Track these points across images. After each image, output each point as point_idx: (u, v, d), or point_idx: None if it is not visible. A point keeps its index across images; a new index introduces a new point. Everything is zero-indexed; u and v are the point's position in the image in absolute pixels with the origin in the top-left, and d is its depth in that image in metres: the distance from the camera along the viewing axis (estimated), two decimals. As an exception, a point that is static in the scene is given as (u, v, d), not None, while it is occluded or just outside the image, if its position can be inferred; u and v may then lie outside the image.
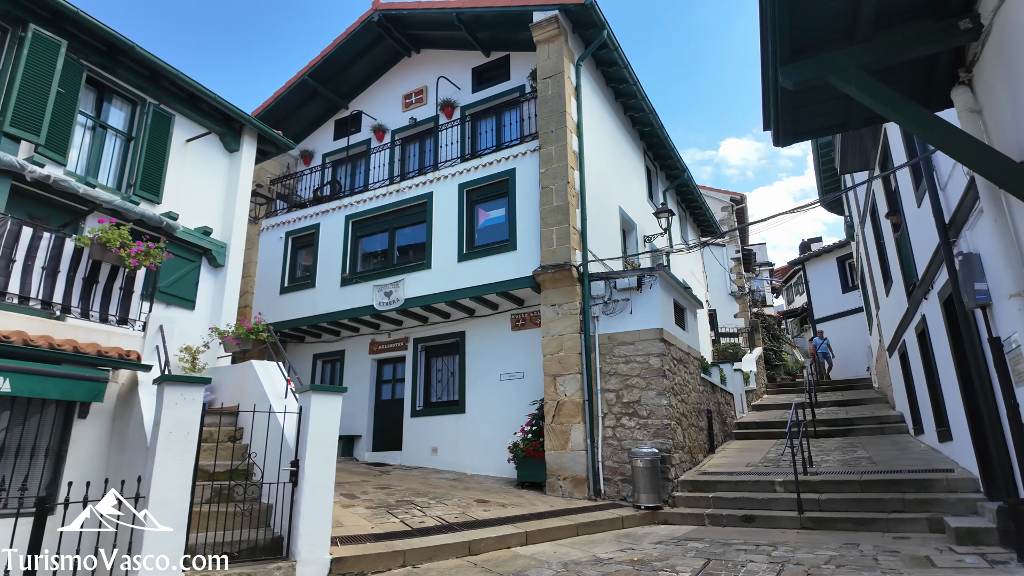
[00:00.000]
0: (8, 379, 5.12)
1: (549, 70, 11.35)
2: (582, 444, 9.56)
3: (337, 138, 16.06)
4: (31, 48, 7.38)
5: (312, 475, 5.88)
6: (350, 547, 6.02)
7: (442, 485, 9.85)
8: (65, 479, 5.87)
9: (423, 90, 14.71)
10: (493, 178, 11.85)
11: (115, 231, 6.66)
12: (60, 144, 7.70)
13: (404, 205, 12.95)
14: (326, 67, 14.99)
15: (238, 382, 7.87)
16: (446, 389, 12.63)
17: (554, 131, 10.98)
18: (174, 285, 8.79)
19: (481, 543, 6.67)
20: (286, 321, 13.45)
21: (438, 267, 11.99)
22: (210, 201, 9.78)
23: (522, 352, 11.46)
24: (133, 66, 8.69)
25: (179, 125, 9.39)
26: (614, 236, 12.65)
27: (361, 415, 13.15)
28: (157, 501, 4.98)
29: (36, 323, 6.02)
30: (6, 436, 5.77)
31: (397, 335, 13.33)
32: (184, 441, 5.27)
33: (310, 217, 14.29)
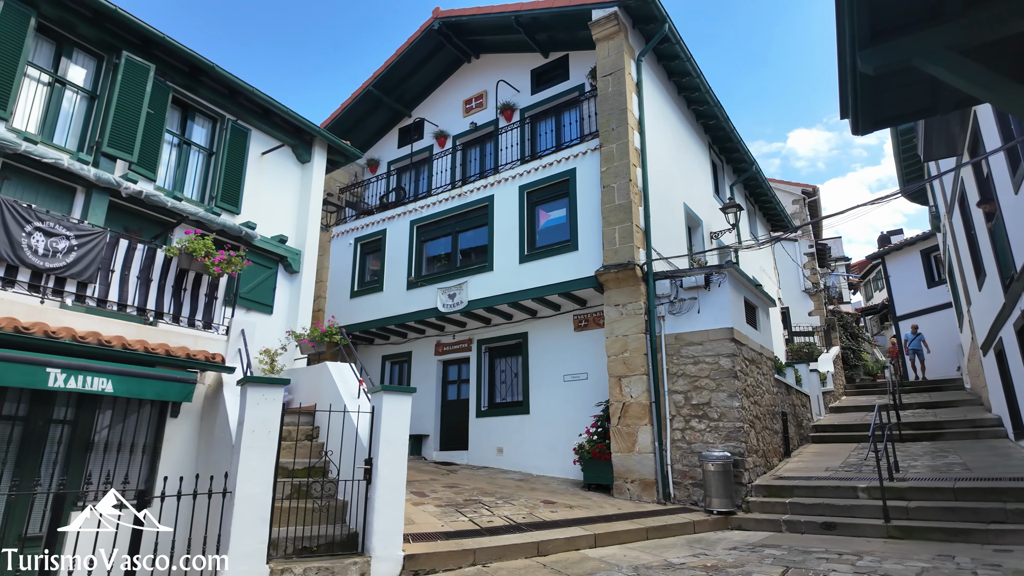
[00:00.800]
0: (110, 380, 5.55)
1: (609, 67, 11.22)
2: (650, 447, 9.39)
3: (401, 146, 16.48)
4: (124, 73, 7.97)
5: (385, 473, 6.05)
6: (422, 544, 6.16)
7: (508, 485, 9.91)
8: (160, 474, 6.30)
9: (483, 95, 14.88)
10: (553, 179, 11.84)
11: (200, 241, 7.08)
12: (150, 161, 8.27)
13: (466, 209, 13.13)
14: (389, 77, 15.41)
15: (314, 383, 8.20)
16: (510, 390, 12.71)
17: (615, 129, 10.85)
18: (253, 291, 9.27)
19: (549, 544, 6.67)
20: (356, 324, 13.91)
21: (500, 269, 12.08)
22: (285, 210, 10.25)
23: (585, 353, 11.39)
24: (213, 85, 9.23)
25: (255, 139, 9.90)
26: (679, 233, 12.37)
27: (428, 415, 13.43)
28: (242, 496, 5.26)
29: (132, 328, 6.49)
30: (109, 433, 6.25)
31: (461, 337, 13.52)
32: (266, 439, 5.54)
33: (377, 223, 14.73)
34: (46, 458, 5.75)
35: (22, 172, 7.04)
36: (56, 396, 5.82)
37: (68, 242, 6.14)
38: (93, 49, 8.02)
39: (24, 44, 7.13)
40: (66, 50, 7.84)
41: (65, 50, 7.83)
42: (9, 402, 5.59)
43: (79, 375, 5.31)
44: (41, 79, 7.54)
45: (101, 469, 5.98)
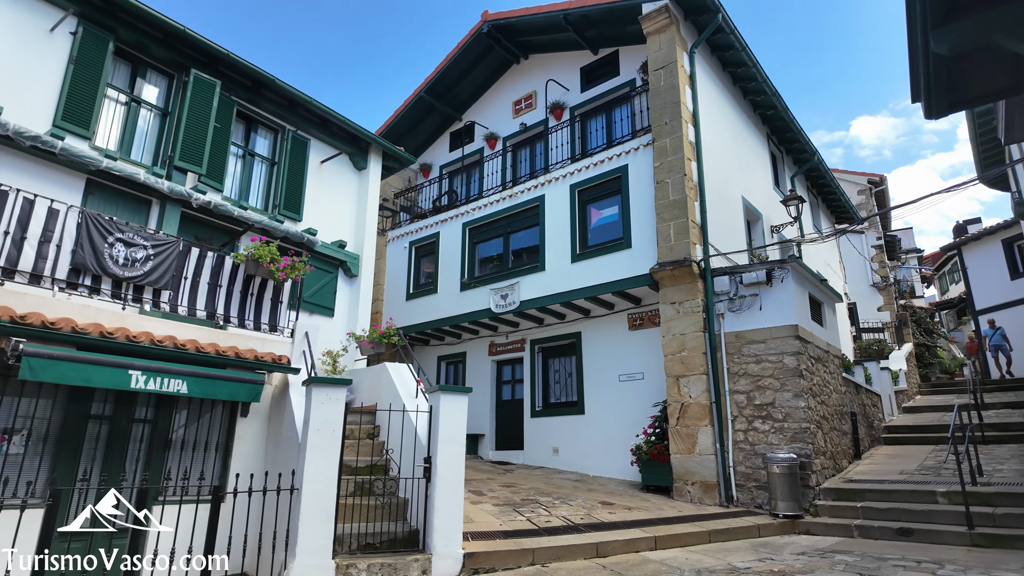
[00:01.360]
0: (186, 382, 5.86)
1: (661, 61, 11.02)
2: (710, 448, 9.15)
3: (452, 149, 16.70)
4: (193, 90, 8.41)
5: (443, 472, 6.14)
6: (481, 543, 6.22)
7: (565, 485, 9.88)
8: (232, 471, 6.60)
9: (532, 95, 14.90)
10: (604, 176, 11.72)
11: (265, 248, 7.39)
12: (218, 173, 8.69)
13: (517, 209, 13.17)
14: (440, 82, 15.64)
15: (374, 383, 8.41)
16: (564, 390, 12.66)
17: (668, 123, 10.64)
18: (316, 295, 9.59)
19: (609, 546, 6.61)
20: (412, 325, 14.19)
21: (552, 269, 12.06)
22: (343, 216, 10.56)
23: (641, 352, 11.22)
24: (274, 97, 9.61)
25: (314, 148, 10.25)
26: (738, 228, 12.02)
27: (483, 414, 13.54)
28: (309, 493, 5.45)
29: (204, 332, 6.83)
30: (185, 432, 6.60)
31: (514, 337, 13.57)
32: (330, 438, 5.72)
33: (430, 227, 14.97)
34: (130, 455, 6.12)
35: (104, 187, 7.53)
36: (138, 396, 6.19)
37: (146, 251, 6.52)
38: (164, 69, 8.50)
39: (104, 67, 7.63)
40: (141, 71, 8.34)
41: (140, 71, 8.33)
42: (97, 402, 5.98)
43: (158, 377, 5.64)
44: (119, 99, 8.04)
45: (178, 466, 6.33)
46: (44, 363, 4.94)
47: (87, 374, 5.21)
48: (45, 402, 5.63)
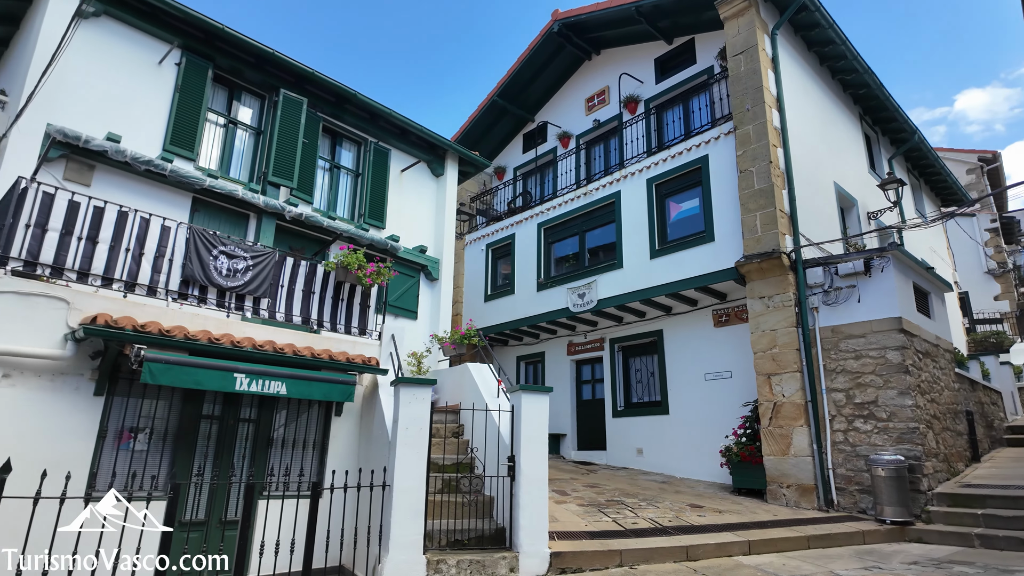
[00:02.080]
0: (285, 383, 6.22)
1: (740, 46, 10.58)
2: (807, 449, 8.68)
3: (526, 151, 16.79)
4: (283, 109, 8.94)
5: (527, 470, 6.18)
6: (567, 543, 6.21)
7: (651, 487, 9.67)
8: (328, 468, 6.95)
9: (605, 90, 14.72)
10: (683, 168, 11.39)
11: (353, 255, 7.73)
12: (307, 186, 9.19)
13: (592, 207, 13.06)
14: (512, 85, 15.77)
15: (456, 383, 8.60)
16: (647, 389, 12.40)
17: (750, 109, 10.19)
18: (400, 299, 9.94)
19: (699, 549, 6.41)
20: (491, 326, 14.38)
21: (630, 266, 11.85)
22: (423, 222, 10.88)
23: (728, 350, 10.80)
24: (356, 111, 10.05)
25: (394, 158, 10.62)
26: (830, 216, 11.33)
27: (564, 414, 13.51)
28: (400, 489, 5.64)
29: (300, 336, 7.23)
30: (284, 431, 7.02)
31: (593, 336, 13.45)
32: (418, 436, 5.90)
33: (506, 228, 15.12)
34: (237, 452, 6.58)
35: (208, 204, 8.15)
36: (242, 398, 6.65)
37: (246, 262, 6.99)
38: (257, 90, 9.08)
39: (205, 93, 8.26)
40: (236, 94, 8.96)
41: (235, 94, 8.95)
42: (207, 403, 6.48)
43: (259, 379, 6.02)
44: (218, 122, 8.68)
45: (280, 463, 6.73)
46: (162, 368, 5.40)
47: (198, 377, 5.65)
48: (163, 403, 6.16)
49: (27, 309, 5.38)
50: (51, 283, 5.64)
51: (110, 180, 7.25)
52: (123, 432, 5.87)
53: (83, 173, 7.07)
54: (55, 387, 5.48)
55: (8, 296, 5.32)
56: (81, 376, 5.64)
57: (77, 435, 5.52)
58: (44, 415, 5.37)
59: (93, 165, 7.15)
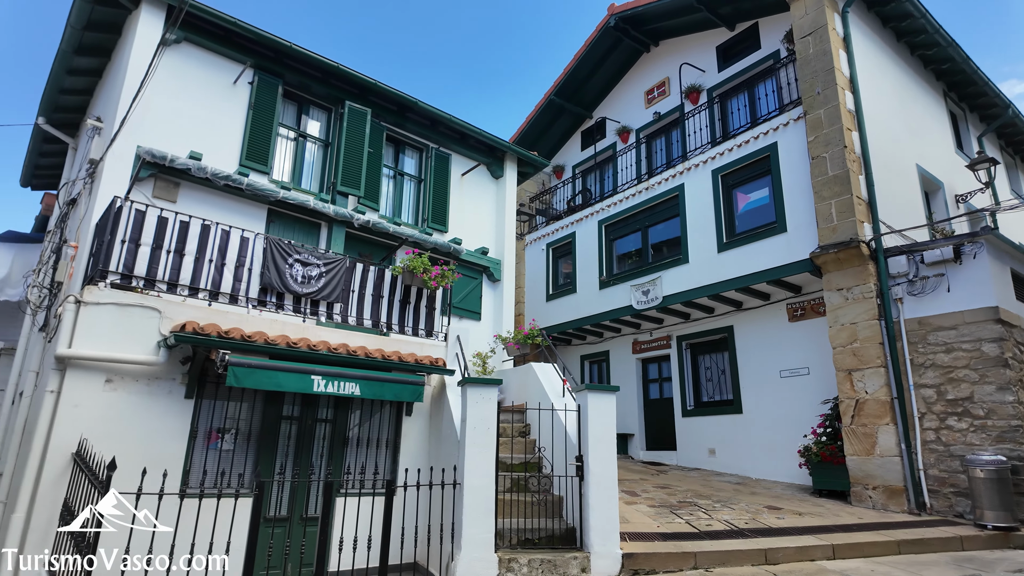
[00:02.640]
0: (358, 385, 6.45)
1: (808, 27, 10.11)
2: (894, 449, 8.18)
3: (584, 148, 16.67)
4: (348, 120, 9.26)
5: (596, 470, 6.13)
6: (638, 544, 6.12)
7: (724, 488, 9.39)
8: (401, 466, 7.14)
9: (664, 82, 14.41)
10: (750, 157, 10.99)
11: (418, 259, 7.92)
12: (374, 193, 9.48)
13: (654, 202, 12.81)
14: (569, 83, 15.69)
15: (521, 382, 8.64)
16: (717, 388, 12.03)
17: (821, 92, 9.72)
18: (463, 300, 10.08)
19: (779, 552, 6.17)
20: (553, 326, 14.35)
21: (696, 260, 11.54)
22: (484, 224, 10.99)
23: (804, 345, 10.33)
24: (417, 119, 10.28)
25: (455, 162, 10.79)
26: (913, 200, 10.64)
27: (631, 414, 13.30)
28: (470, 488, 5.72)
29: (370, 339, 7.47)
30: (359, 430, 7.27)
31: (659, 334, 13.18)
32: (485, 435, 5.97)
33: (566, 227, 15.06)
34: (315, 451, 6.87)
35: (281, 215, 8.55)
36: (319, 399, 6.93)
37: (319, 269, 7.29)
38: (323, 104, 9.45)
39: (276, 109, 8.67)
40: (304, 108, 9.35)
41: (304, 108, 9.35)
42: (287, 404, 6.80)
43: (335, 381, 6.26)
44: (289, 136, 9.09)
45: (355, 461, 6.97)
46: (245, 371, 5.71)
47: (278, 380, 5.94)
48: (247, 405, 6.51)
49: (125, 319, 5.82)
50: (145, 294, 6.07)
51: (193, 196, 7.73)
52: (211, 432, 6.25)
53: (169, 190, 7.57)
54: (151, 391, 5.90)
55: (109, 307, 5.77)
56: (173, 380, 6.05)
57: (171, 435, 5.92)
58: (142, 417, 5.79)
59: (178, 183, 7.65)
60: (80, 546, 4.46)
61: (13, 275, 10.69)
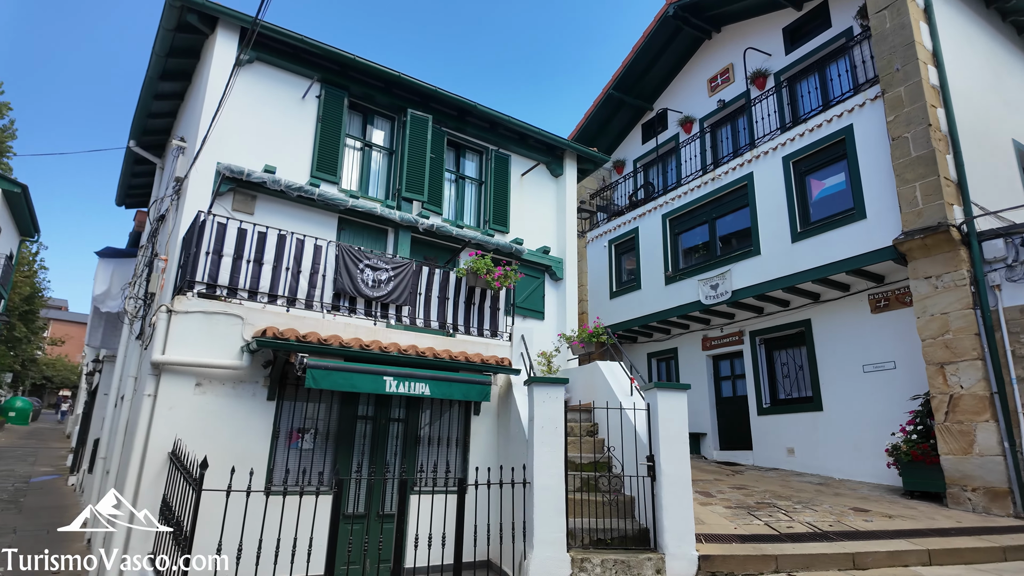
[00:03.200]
0: (428, 385, 6.59)
1: (883, 0, 9.51)
2: (995, 448, 7.58)
3: (645, 141, 16.35)
4: (411, 128, 9.48)
5: (668, 470, 6.01)
6: (715, 546, 5.94)
7: (805, 489, 8.97)
8: (471, 464, 7.24)
9: (728, 68, 13.94)
10: (824, 142, 10.46)
11: (481, 261, 8.01)
12: (436, 198, 9.66)
13: (721, 193, 12.41)
14: (627, 76, 15.44)
15: (587, 381, 8.57)
16: (795, 384, 11.52)
17: (900, 69, 9.13)
18: (526, 300, 10.12)
19: (867, 557, 5.84)
20: (618, 324, 14.16)
21: (768, 252, 11.09)
22: (544, 223, 10.98)
23: (889, 338, 9.74)
24: (477, 122, 10.40)
25: (514, 163, 10.84)
26: (1011, 179, 9.83)
27: (703, 412, 12.94)
28: (540, 487, 5.73)
29: (438, 340, 7.62)
30: (429, 429, 7.43)
31: (730, 329, 12.76)
32: (553, 434, 5.97)
33: (628, 223, 14.82)
34: (389, 450, 7.07)
35: (351, 222, 8.86)
36: (391, 399, 7.13)
37: (387, 273, 7.51)
38: (386, 113, 9.71)
39: (343, 121, 8.99)
40: (369, 118, 9.65)
41: (368, 118, 9.64)
42: (361, 405, 7.04)
43: (406, 381, 6.43)
44: (355, 146, 9.40)
45: (427, 460, 7.13)
46: (323, 373, 5.95)
47: (353, 381, 6.16)
48: (324, 406, 6.78)
49: (211, 326, 6.20)
50: (228, 302, 6.44)
51: (269, 207, 8.13)
52: (292, 432, 6.55)
53: (247, 203, 7.99)
54: (236, 393, 6.25)
55: (197, 315, 6.15)
56: (256, 383, 6.38)
57: (255, 435, 6.24)
58: (229, 418, 6.14)
59: (255, 195, 8.06)
60: (178, 540, 4.78)
61: (112, 288, 11.60)
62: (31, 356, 37.74)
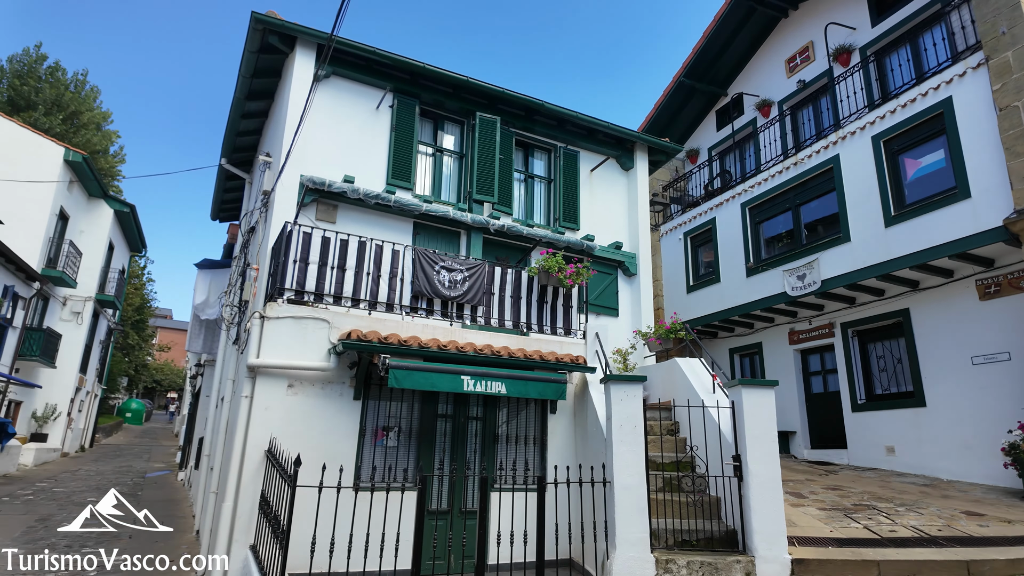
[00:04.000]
0: (504, 384, 6.66)
1: (984, -42, 8.71)
2: None
3: (720, 128, 15.78)
4: (480, 130, 9.61)
5: (756, 470, 5.78)
6: (809, 549, 5.66)
7: (908, 490, 8.37)
8: (549, 463, 7.26)
9: (808, 47, 13.21)
10: (918, 117, 9.71)
11: (552, 259, 8.00)
12: (506, 198, 9.74)
13: (805, 178, 11.78)
14: (698, 63, 14.96)
15: (666, 379, 8.37)
16: (893, 378, 10.76)
17: (1007, 32, 8.33)
18: (599, 297, 10.01)
19: (983, 564, 5.38)
20: (696, 319, 13.75)
21: (859, 238, 10.42)
22: (616, 218, 10.82)
23: (1000, 327, 8.92)
24: (544, 120, 10.39)
25: (583, 159, 10.75)
26: None
27: (791, 410, 12.34)
28: (620, 486, 5.66)
29: (512, 339, 7.68)
30: (507, 428, 7.50)
31: (819, 321, 12.09)
32: (632, 433, 5.87)
33: (704, 214, 14.35)
34: (468, 447, 7.20)
35: (425, 226, 9.09)
36: (469, 398, 7.27)
37: (462, 274, 7.65)
38: (456, 118, 9.89)
39: (415, 128, 9.24)
40: (439, 123, 9.86)
41: (439, 124, 9.85)
42: (441, 403, 7.21)
43: (483, 380, 6.53)
44: (427, 152, 9.64)
45: (506, 457, 7.21)
46: (404, 373, 6.15)
47: (432, 380, 6.32)
48: (406, 405, 7.00)
49: (300, 330, 6.54)
50: (315, 307, 6.77)
51: (348, 215, 8.48)
52: (377, 430, 6.80)
53: (329, 212, 8.37)
54: (325, 394, 6.56)
55: (287, 321, 6.51)
56: (343, 384, 6.67)
57: (344, 434, 6.53)
58: (318, 417, 6.46)
59: (336, 205, 8.43)
60: (276, 533, 5.08)
61: (210, 297, 12.48)
62: (142, 361, 41.31)
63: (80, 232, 20.23)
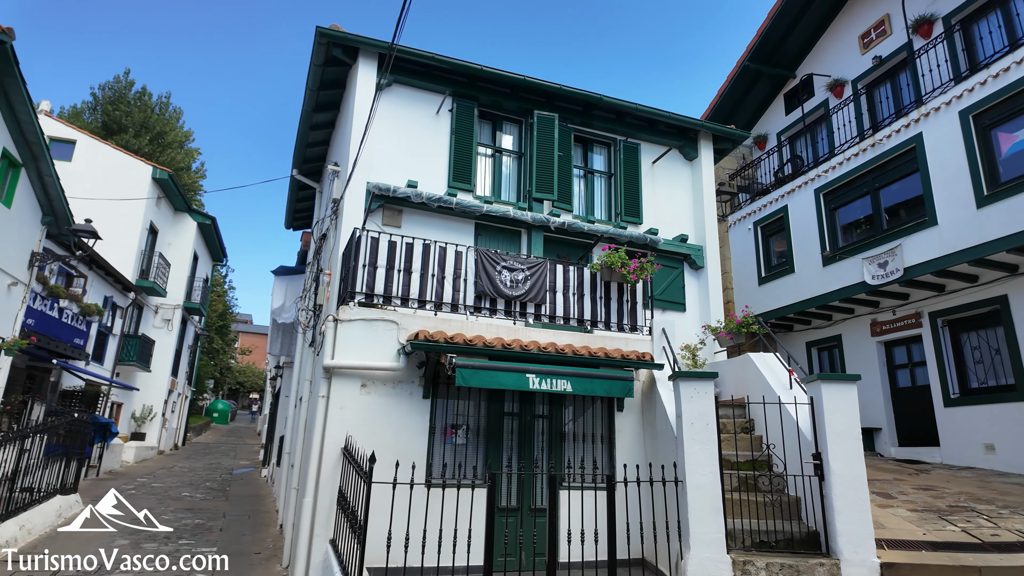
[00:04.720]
0: (569, 382, 6.64)
1: (1087, -92, 7.91)
2: None
3: (789, 112, 15.11)
4: (537, 129, 9.61)
5: (839, 469, 5.51)
6: (900, 553, 5.34)
7: (1013, 492, 7.74)
8: (618, 461, 7.18)
9: (883, 20, 12.43)
10: (1015, 87, 8.95)
11: (615, 255, 7.89)
12: (566, 195, 9.69)
13: (884, 159, 11.09)
14: (764, 45, 14.38)
15: (738, 375, 8.10)
16: (990, 371, 9.97)
17: (1117, -12, 7.53)
18: (665, 292, 9.79)
19: (1105, 576, 4.90)
20: (769, 311, 13.21)
21: (947, 221, 9.72)
22: (680, 210, 10.56)
23: (1119, 312, 8.08)
24: (603, 114, 10.27)
25: (644, 151, 10.55)
26: None
27: (875, 405, 11.66)
28: (693, 486, 5.53)
29: (576, 337, 7.64)
30: (573, 426, 7.47)
31: (904, 311, 11.35)
32: (704, 431, 5.72)
33: (774, 202, 13.78)
34: (535, 445, 7.23)
35: (486, 227, 9.18)
36: (535, 396, 7.29)
37: (524, 273, 7.68)
38: (514, 117, 9.93)
39: (474, 130, 9.34)
40: (498, 124, 9.93)
41: (497, 124, 9.93)
42: (507, 402, 7.27)
43: (548, 378, 6.53)
44: (486, 153, 9.73)
45: (573, 456, 7.18)
46: (470, 372, 6.24)
47: (498, 379, 6.39)
48: (473, 403, 7.10)
49: (371, 332, 6.76)
50: (384, 309, 6.98)
51: (412, 219, 8.68)
52: (446, 428, 6.94)
53: (395, 217, 8.60)
54: (396, 393, 6.75)
55: (358, 323, 6.75)
56: (412, 383, 6.85)
57: (414, 432, 6.70)
58: (390, 416, 6.66)
59: (400, 209, 8.65)
60: (354, 527, 5.27)
61: (287, 302, 13.09)
62: (226, 364, 43.89)
63: (168, 244, 21.71)
